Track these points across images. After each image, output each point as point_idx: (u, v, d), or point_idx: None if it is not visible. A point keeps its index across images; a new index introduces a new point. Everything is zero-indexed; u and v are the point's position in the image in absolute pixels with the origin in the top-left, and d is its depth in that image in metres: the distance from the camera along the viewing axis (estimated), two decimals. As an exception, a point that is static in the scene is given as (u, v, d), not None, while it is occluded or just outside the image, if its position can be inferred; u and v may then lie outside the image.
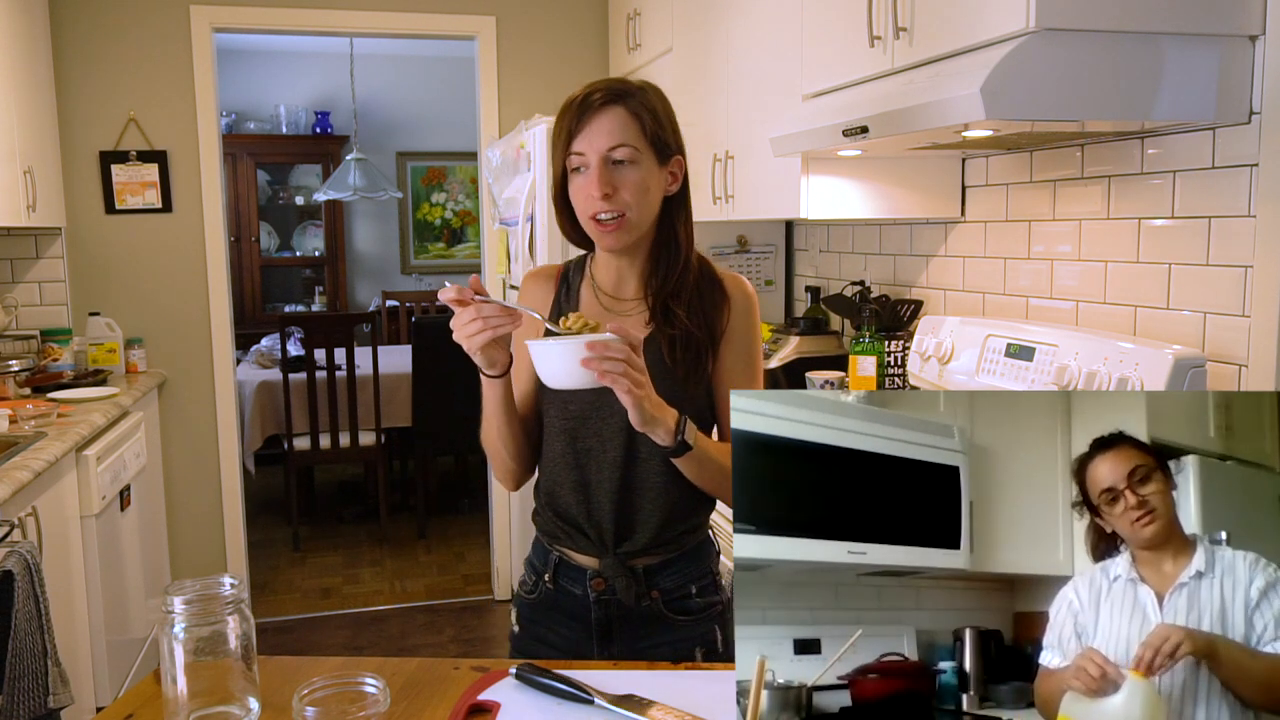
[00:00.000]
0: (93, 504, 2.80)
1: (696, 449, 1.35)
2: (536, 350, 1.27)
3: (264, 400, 4.87)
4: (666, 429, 1.32)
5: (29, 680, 2.10)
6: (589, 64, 4.15)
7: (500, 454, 1.50)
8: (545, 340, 1.29)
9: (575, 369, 1.23)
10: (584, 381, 1.25)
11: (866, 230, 2.93)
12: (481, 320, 1.29)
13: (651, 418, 1.30)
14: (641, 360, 1.27)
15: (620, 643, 1.50)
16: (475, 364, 1.38)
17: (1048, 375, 1.89)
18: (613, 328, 1.26)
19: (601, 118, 1.38)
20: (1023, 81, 1.52)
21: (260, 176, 6.76)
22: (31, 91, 3.40)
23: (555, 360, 1.26)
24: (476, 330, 1.30)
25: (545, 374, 1.29)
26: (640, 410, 1.28)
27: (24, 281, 3.73)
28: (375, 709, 1.03)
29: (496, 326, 1.30)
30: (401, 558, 4.79)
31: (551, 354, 1.26)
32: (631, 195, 1.39)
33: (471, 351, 1.34)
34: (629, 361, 1.24)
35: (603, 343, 1.23)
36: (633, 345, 1.25)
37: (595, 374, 1.23)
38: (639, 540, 1.48)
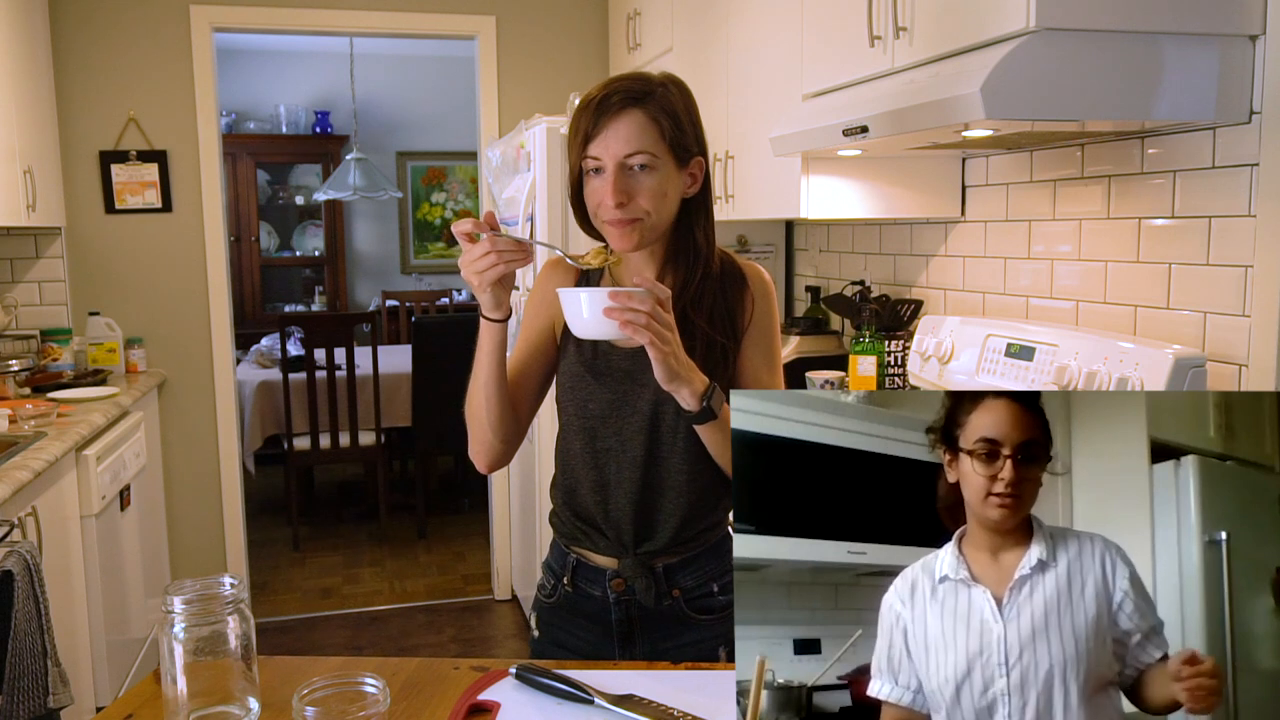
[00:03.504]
0: (92, 504, 2.80)
1: (723, 418, 1.33)
2: (565, 298, 1.28)
3: (264, 400, 4.87)
4: (693, 390, 1.30)
5: (29, 680, 2.10)
6: (589, 64, 4.15)
7: (481, 419, 1.44)
8: (574, 289, 1.29)
9: (600, 318, 1.24)
10: (609, 332, 1.25)
11: (866, 230, 2.93)
12: (496, 253, 1.27)
13: (676, 375, 1.28)
14: (670, 316, 1.26)
15: (642, 644, 1.48)
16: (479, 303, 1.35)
17: (1048, 375, 1.89)
18: (639, 281, 1.26)
19: (619, 123, 1.34)
20: (1023, 81, 1.52)
21: (260, 176, 6.76)
22: (31, 91, 3.40)
23: (582, 308, 1.26)
24: (490, 264, 1.28)
25: (573, 323, 1.30)
26: (665, 366, 1.26)
27: (24, 281, 3.73)
28: (375, 709, 1.03)
29: (509, 261, 1.28)
30: (401, 558, 4.79)
31: (579, 301, 1.26)
32: (648, 202, 1.36)
33: (481, 288, 1.31)
34: (653, 315, 1.22)
35: (626, 293, 1.22)
36: (660, 300, 1.24)
37: (618, 324, 1.22)
38: (659, 540, 1.46)
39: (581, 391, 1.46)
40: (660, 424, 1.43)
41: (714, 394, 1.32)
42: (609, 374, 1.45)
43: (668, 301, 1.26)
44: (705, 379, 1.32)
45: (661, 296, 1.25)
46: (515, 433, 1.49)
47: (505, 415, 1.44)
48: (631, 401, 1.43)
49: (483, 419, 1.44)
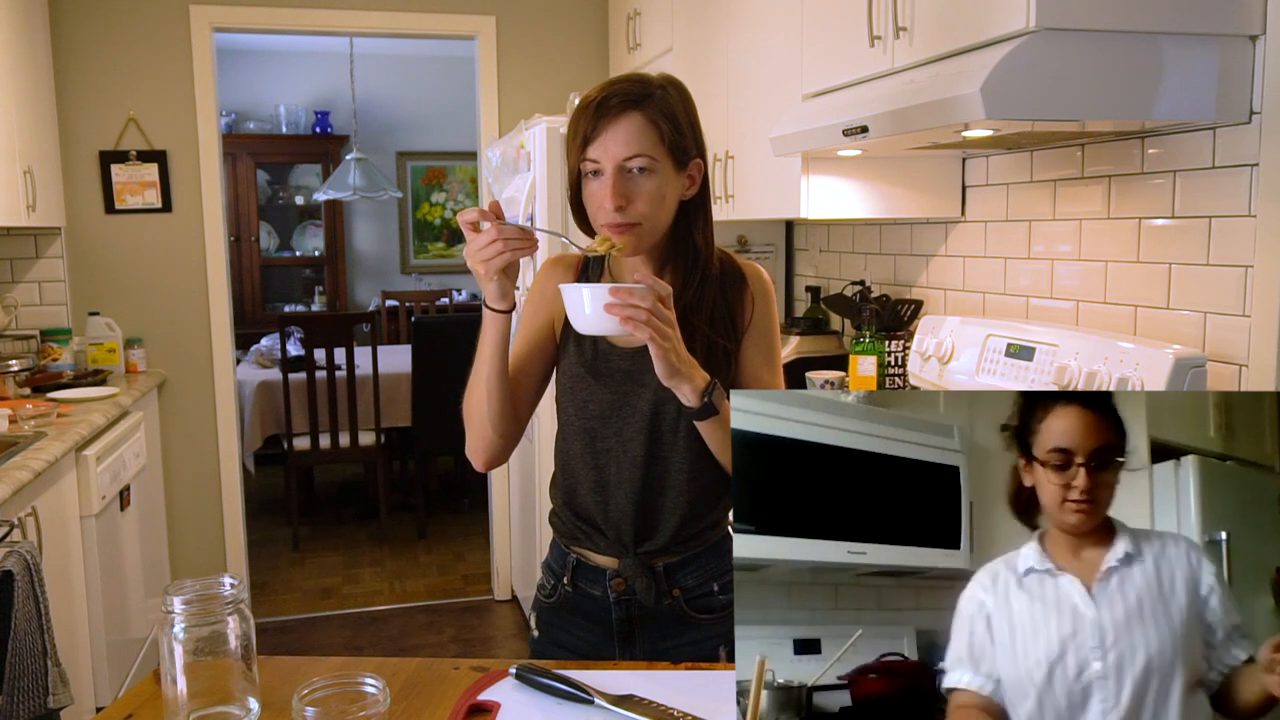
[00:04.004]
0: (92, 504, 2.80)
1: (723, 415, 1.33)
2: (567, 293, 1.28)
3: (264, 400, 4.87)
4: (694, 387, 1.30)
5: (29, 680, 2.10)
6: (589, 64, 4.15)
7: (482, 414, 1.43)
8: (575, 284, 1.29)
9: (601, 314, 1.24)
10: (610, 328, 1.26)
11: (866, 230, 2.93)
12: (502, 242, 1.27)
13: (677, 371, 1.28)
14: (671, 313, 1.26)
15: (642, 644, 1.48)
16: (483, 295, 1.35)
17: (1048, 375, 1.89)
18: (640, 277, 1.26)
19: (618, 125, 1.34)
20: (1023, 81, 1.52)
21: (260, 176, 6.76)
22: (31, 91, 3.40)
23: (583, 304, 1.26)
24: (496, 253, 1.28)
25: (574, 318, 1.30)
26: (666, 362, 1.27)
27: (24, 281, 3.73)
28: (375, 709, 1.03)
29: (515, 249, 1.28)
30: (401, 558, 4.79)
31: (580, 296, 1.27)
32: (646, 205, 1.36)
33: (487, 277, 1.31)
34: (653, 311, 1.23)
35: (627, 289, 1.23)
36: (661, 297, 1.25)
37: (619, 321, 1.23)
38: (660, 539, 1.46)
39: (581, 392, 1.46)
40: (660, 424, 1.43)
41: (715, 390, 1.32)
42: (609, 374, 1.45)
43: (668, 298, 1.27)
44: (706, 375, 1.32)
45: (662, 293, 1.25)
46: (514, 429, 1.48)
47: (506, 410, 1.44)
48: (631, 402, 1.43)
49: (483, 414, 1.43)
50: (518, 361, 1.50)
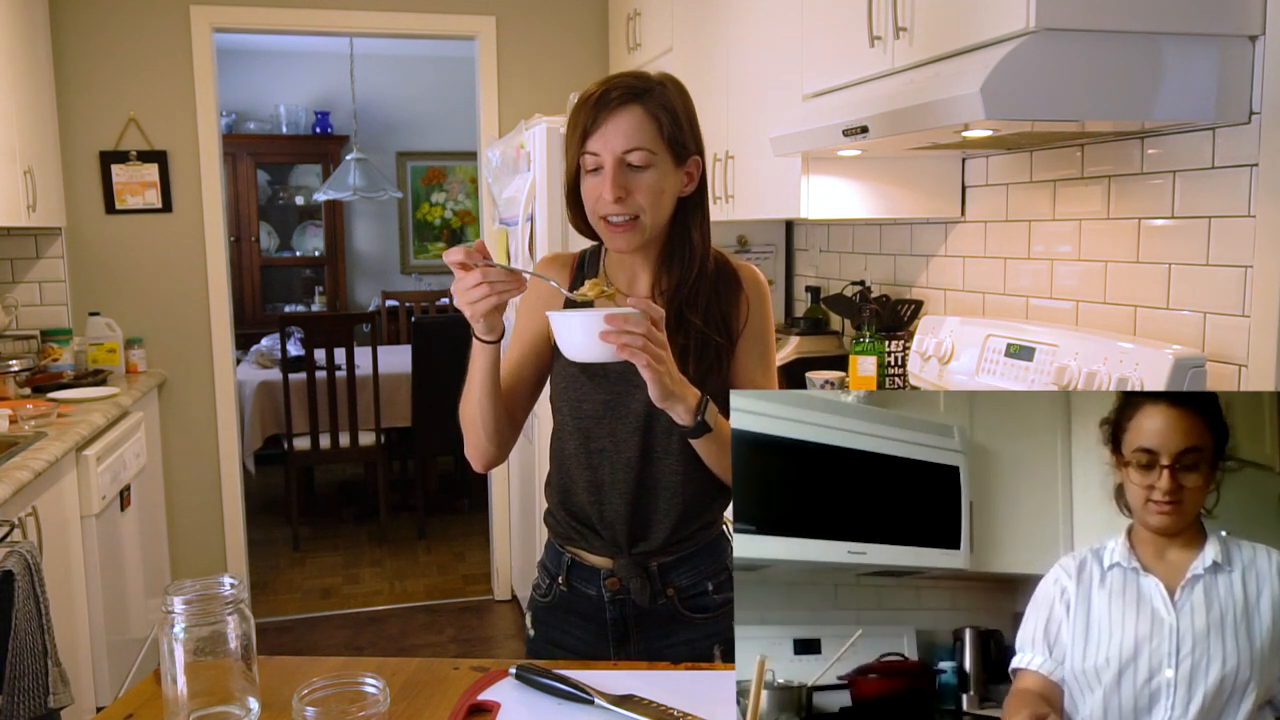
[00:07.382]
0: (93, 504, 2.80)
1: (716, 430, 1.33)
2: (557, 321, 1.27)
3: (264, 400, 4.88)
4: (687, 407, 1.30)
5: (29, 680, 2.10)
6: (589, 64, 4.15)
7: (476, 427, 1.44)
8: (566, 312, 1.28)
9: (595, 342, 1.22)
10: (604, 355, 1.24)
11: (866, 230, 2.93)
12: (488, 285, 1.26)
13: (671, 394, 1.28)
14: (663, 335, 1.26)
15: (636, 643, 1.49)
16: (472, 329, 1.35)
17: (1048, 375, 1.89)
18: (633, 302, 1.25)
19: (618, 118, 1.34)
20: (1023, 81, 1.52)
21: (260, 176, 6.76)
22: (31, 91, 3.40)
23: (575, 332, 1.25)
24: (481, 295, 1.26)
25: (565, 346, 1.28)
26: (660, 385, 1.26)
27: (24, 281, 3.73)
28: (375, 709, 1.03)
29: (502, 291, 1.27)
30: (401, 558, 4.79)
31: (572, 326, 1.25)
32: (645, 199, 1.36)
33: (474, 318, 1.30)
34: (648, 335, 1.22)
35: (622, 316, 1.22)
36: (654, 320, 1.24)
37: (615, 348, 1.21)
38: (654, 540, 1.46)
39: (575, 393, 1.46)
40: (654, 425, 1.43)
41: (707, 408, 1.32)
42: (603, 375, 1.45)
43: (661, 321, 1.26)
44: (698, 393, 1.32)
45: (655, 316, 1.24)
46: (510, 436, 1.49)
47: (500, 423, 1.45)
48: (625, 403, 1.43)
49: (477, 427, 1.44)
50: (512, 367, 1.50)
